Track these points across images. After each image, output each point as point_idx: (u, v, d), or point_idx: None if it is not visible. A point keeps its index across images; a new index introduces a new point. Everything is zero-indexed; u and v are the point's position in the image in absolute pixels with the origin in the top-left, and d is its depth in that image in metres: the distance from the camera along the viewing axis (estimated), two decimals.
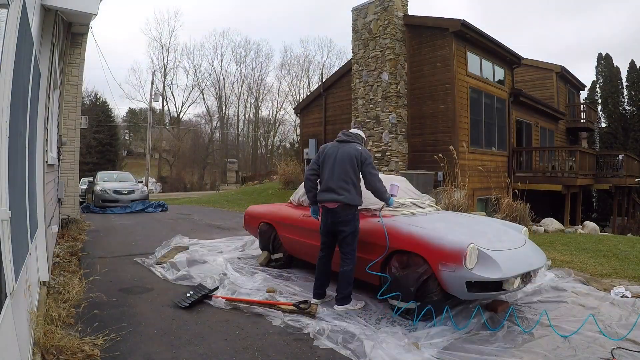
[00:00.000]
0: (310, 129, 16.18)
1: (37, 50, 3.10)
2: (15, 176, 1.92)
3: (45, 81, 3.77)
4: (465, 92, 11.22)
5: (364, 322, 3.27)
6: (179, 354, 2.74)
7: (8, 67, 1.70)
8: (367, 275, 3.84)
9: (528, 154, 13.67)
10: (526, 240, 3.84)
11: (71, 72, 7.24)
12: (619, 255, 5.91)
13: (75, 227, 7.51)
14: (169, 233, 7.56)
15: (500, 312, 3.45)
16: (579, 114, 19.93)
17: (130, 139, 56.62)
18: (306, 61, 52.83)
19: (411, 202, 4.47)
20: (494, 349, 2.79)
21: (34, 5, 2.75)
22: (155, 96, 27.33)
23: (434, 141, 11.20)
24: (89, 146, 33.63)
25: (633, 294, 3.89)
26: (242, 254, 5.84)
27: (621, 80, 31.55)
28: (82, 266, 4.86)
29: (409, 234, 3.51)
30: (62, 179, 7.16)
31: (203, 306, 3.71)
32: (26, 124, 2.38)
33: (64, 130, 7.20)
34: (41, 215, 3.52)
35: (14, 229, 1.78)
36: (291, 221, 4.91)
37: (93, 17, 4.56)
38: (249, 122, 53.60)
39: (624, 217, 15.93)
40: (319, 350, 2.82)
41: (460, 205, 8.52)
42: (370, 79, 12.29)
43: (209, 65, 62.77)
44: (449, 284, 3.17)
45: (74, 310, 3.29)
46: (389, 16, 11.65)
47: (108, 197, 12.47)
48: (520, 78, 17.49)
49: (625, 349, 2.74)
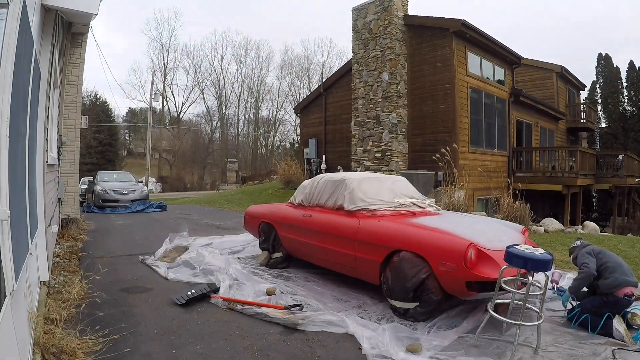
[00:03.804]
0: (310, 129, 16.18)
1: (37, 50, 3.10)
2: (15, 176, 1.92)
3: (45, 81, 3.77)
4: (466, 92, 11.21)
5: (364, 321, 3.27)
6: (179, 354, 2.74)
7: (8, 67, 1.69)
8: (367, 275, 3.85)
9: (528, 154, 13.67)
10: (526, 240, 3.84)
11: (71, 72, 7.23)
12: (618, 255, 5.89)
13: (75, 227, 7.51)
14: (169, 233, 7.55)
15: (500, 312, 3.45)
16: (579, 114, 19.92)
17: (130, 139, 56.62)
18: (306, 61, 52.83)
19: (411, 202, 4.47)
20: (494, 349, 2.79)
21: (34, 5, 2.75)
22: (155, 96, 27.34)
23: (434, 141, 11.20)
24: (89, 146, 33.65)
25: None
26: (242, 253, 5.84)
27: (621, 80, 31.55)
28: (82, 266, 4.86)
29: (409, 233, 3.51)
30: (62, 178, 7.15)
31: (203, 306, 3.71)
32: (26, 124, 2.38)
33: (64, 130, 7.19)
34: (41, 215, 3.52)
35: (14, 228, 1.78)
36: (291, 221, 4.91)
37: (93, 16, 4.56)
38: (249, 122, 53.63)
39: (624, 217, 15.93)
40: (319, 350, 2.82)
41: (460, 205, 8.52)
42: (370, 79, 12.29)
43: (209, 65, 62.50)
44: (449, 283, 3.17)
45: (74, 310, 3.30)
46: (389, 16, 11.65)
47: (108, 197, 12.47)
48: (521, 78, 17.48)
49: (626, 349, 2.73)
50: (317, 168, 14.80)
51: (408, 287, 3.31)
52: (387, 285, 3.51)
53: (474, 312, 3.40)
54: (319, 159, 14.90)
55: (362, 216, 4.05)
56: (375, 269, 3.67)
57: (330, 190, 4.58)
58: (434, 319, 3.27)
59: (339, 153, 14.36)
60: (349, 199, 4.27)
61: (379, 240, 3.65)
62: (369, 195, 4.33)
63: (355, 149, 12.82)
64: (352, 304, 3.74)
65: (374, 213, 4.09)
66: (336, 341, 2.97)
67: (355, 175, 4.75)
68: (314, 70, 51.07)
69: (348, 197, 4.28)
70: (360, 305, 3.70)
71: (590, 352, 2.74)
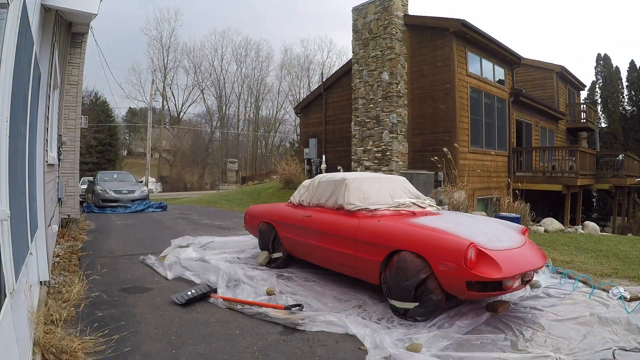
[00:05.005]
0: (310, 129, 16.18)
1: (37, 50, 3.10)
2: (15, 176, 1.92)
3: (45, 81, 3.76)
4: (466, 92, 11.21)
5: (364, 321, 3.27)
6: (179, 353, 2.74)
7: (8, 67, 1.69)
8: (367, 275, 3.85)
9: (528, 154, 13.67)
10: (526, 240, 3.84)
11: (71, 71, 7.23)
12: (619, 255, 5.91)
13: (75, 226, 7.52)
14: (169, 233, 7.56)
15: (500, 312, 3.45)
16: (579, 114, 19.92)
17: (130, 139, 56.60)
18: (306, 61, 52.89)
19: (411, 202, 4.47)
20: (495, 349, 2.79)
21: (34, 5, 2.75)
22: (155, 96, 27.34)
23: (434, 141, 11.20)
24: (89, 146, 33.60)
25: (632, 295, 3.88)
26: (243, 253, 5.84)
27: (621, 80, 31.57)
28: (82, 266, 4.86)
29: (409, 233, 3.51)
30: (62, 178, 7.15)
31: (203, 306, 3.71)
32: (26, 124, 2.38)
33: (64, 130, 7.19)
34: (41, 215, 3.52)
35: (14, 228, 1.78)
36: (291, 221, 4.91)
37: (93, 16, 4.56)
38: (249, 121, 53.63)
39: (624, 217, 15.93)
40: (319, 350, 2.83)
41: (460, 205, 8.52)
42: (370, 78, 12.29)
43: (209, 65, 62.52)
44: (449, 283, 3.17)
45: (74, 310, 3.30)
46: (389, 16, 11.65)
47: (108, 197, 12.48)
48: (521, 78, 17.48)
49: (626, 350, 2.73)
50: (317, 168, 14.80)
51: (408, 287, 3.31)
52: (387, 285, 3.51)
53: (474, 312, 3.40)
54: (319, 159, 14.90)
55: (362, 216, 4.05)
56: (375, 269, 3.66)
57: (330, 190, 4.59)
58: (434, 318, 3.26)
59: (339, 153, 14.37)
60: (349, 198, 4.27)
61: (379, 240, 3.65)
62: (369, 195, 4.33)
63: (355, 149, 12.82)
64: (352, 304, 3.74)
65: (374, 213, 4.09)
66: (336, 341, 2.98)
67: (355, 175, 4.75)
68: (314, 70, 51.21)
69: (348, 197, 4.28)
70: (360, 305, 3.70)
71: (590, 352, 2.74)
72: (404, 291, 3.34)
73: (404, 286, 3.34)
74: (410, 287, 3.30)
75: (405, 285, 3.32)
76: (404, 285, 3.33)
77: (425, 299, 3.27)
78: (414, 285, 3.28)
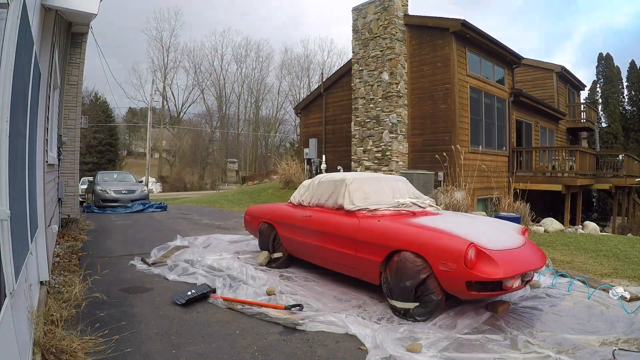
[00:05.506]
0: (310, 129, 16.18)
1: (37, 50, 3.10)
2: (15, 176, 1.92)
3: (45, 81, 3.77)
4: (466, 92, 11.22)
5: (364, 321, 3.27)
6: (179, 354, 2.74)
7: (8, 67, 1.69)
8: (367, 275, 3.85)
9: (528, 154, 13.67)
10: (526, 240, 3.84)
11: (71, 72, 7.23)
12: (619, 255, 5.91)
13: (75, 226, 7.51)
14: (169, 233, 7.56)
15: (500, 312, 3.45)
16: (579, 114, 19.92)
17: (130, 139, 56.60)
18: (306, 61, 52.90)
19: (411, 202, 4.47)
20: (495, 348, 2.79)
21: (34, 5, 2.75)
22: (155, 96, 27.35)
23: (434, 141, 11.20)
24: (89, 146, 33.62)
25: (631, 295, 3.88)
26: (242, 253, 5.83)
27: (621, 80, 31.57)
28: (82, 266, 4.86)
29: (409, 233, 3.51)
30: (62, 178, 7.16)
31: (203, 306, 3.71)
32: (26, 124, 2.38)
33: (64, 130, 7.20)
34: (41, 215, 3.52)
35: (14, 228, 1.78)
36: (291, 221, 4.91)
37: (93, 17, 4.56)
38: (249, 122, 53.62)
39: (624, 217, 15.92)
40: (319, 349, 2.82)
41: (460, 205, 8.52)
42: (370, 78, 12.29)
43: (209, 65, 62.55)
44: (449, 283, 3.17)
45: (74, 310, 3.30)
46: (389, 16, 11.65)
47: (108, 197, 12.47)
48: (521, 78, 17.49)
49: (626, 350, 2.73)
50: (317, 168, 14.80)
51: (408, 287, 3.31)
52: (387, 285, 3.51)
53: (474, 312, 3.40)
54: (319, 159, 14.90)
55: (362, 216, 4.05)
56: (375, 269, 3.67)
57: (330, 190, 4.59)
58: (434, 319, 3.27)
59: (339, 153, 14.37)
60: (349, 198, 4.27)
61: (379, 240, 3.65)
62: (369, 195, 4.33)
63: (355, 149, 12.83)
64: (352, 304, 3.74)
65: (374, 213, 4.09)
66: (336, 341, 2.98)
67: (355, 175, 4.75)
68: (314, 70, 51.21)
69: (348, 197, 4.28)
70: (360, 305, 3.70)
71: (590, 352, 2.74)
72: (404, 291, 3.34)
73: (404, 286, 3.34)
74: (410, 287, 3.30)
75: (406, 285, 3.32)
76: (404, 285, 3.33)
77: (425, 299, 3.27)
78: (414, 285, 3.28)
